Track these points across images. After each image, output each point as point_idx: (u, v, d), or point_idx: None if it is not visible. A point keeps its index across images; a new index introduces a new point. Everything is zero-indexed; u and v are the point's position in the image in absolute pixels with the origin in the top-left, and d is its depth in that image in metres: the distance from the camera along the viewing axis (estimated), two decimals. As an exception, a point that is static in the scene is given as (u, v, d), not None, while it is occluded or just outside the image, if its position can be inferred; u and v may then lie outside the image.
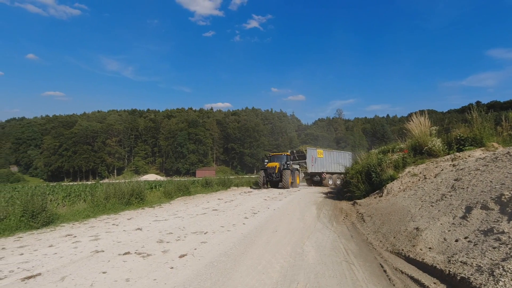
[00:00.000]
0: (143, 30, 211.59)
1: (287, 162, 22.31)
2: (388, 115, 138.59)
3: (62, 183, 24.83)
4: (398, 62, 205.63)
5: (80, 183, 35.14)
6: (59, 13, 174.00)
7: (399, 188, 7.98)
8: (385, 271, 3.82)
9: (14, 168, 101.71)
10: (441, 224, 4.57)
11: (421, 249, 4.10)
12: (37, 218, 6.82)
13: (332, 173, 26.89)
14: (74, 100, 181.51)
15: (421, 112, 10.40)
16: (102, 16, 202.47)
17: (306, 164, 25.51)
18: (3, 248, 5.16)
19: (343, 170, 29.21)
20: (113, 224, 7.25)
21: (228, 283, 3.53)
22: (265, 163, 22.86)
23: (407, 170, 8.81)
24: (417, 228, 4.80)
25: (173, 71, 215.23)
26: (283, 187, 20.34)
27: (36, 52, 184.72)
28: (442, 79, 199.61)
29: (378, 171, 9.44)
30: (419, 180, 7.78)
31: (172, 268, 4.04)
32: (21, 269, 4.07)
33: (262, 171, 21.96)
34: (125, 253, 4.73)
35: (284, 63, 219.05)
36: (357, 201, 9.17)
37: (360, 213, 7.48)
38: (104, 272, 3.89)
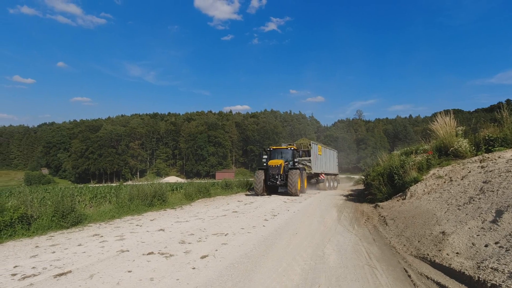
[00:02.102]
0: (164, 36, 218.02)
1: (294, 159, 17.10)
2: (410, 116, 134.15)
3: (89, 185, 25.89)
4: (421, 61, 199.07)
5: (105, 185, 36.50)
6: (86, 22, 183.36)
7: (423, 190, 7.72)
8: (409, 276, 3.72)
9: (45, 171, 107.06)
10: (469, 228, 4.39)
11: (447, 254, 3.95)
12: (66, 218, 7.16)
13: (326, 174, 22.78)
14: (100, 105, 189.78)
15: (446, 112, 10.05)
16: (126, 24, 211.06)
17: (310, 162, 20.47)
18: (36, 246, 5.46)
19: (335, 171, 26.56)
20: (137, 225, 7.48)
21: (249, 284, 3.56)
22: (264, 160, 17.50)
23: (431, 172, 8.52)
24: (443, 232, 4.63)
25: (193, 75, 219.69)
26: (291, 194, 15.22)
27: (65, 60, 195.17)
28: (468, 77, 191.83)
29: (400, 173, 9.18)
30: (444, 182, 7.50)
31: (194, 268, 4.12)
32: (53, 267, 4.29)
33: (261, 171, 16.18)
34: (149, 253, 4.87)
35: (302, 64, 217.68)
36: (379, 203, 8.96)
37: (382, 216, 7.31)
38: (129, 271, 4.03)
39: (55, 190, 13.94)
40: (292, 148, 17.71)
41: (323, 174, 21.77)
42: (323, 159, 23.12)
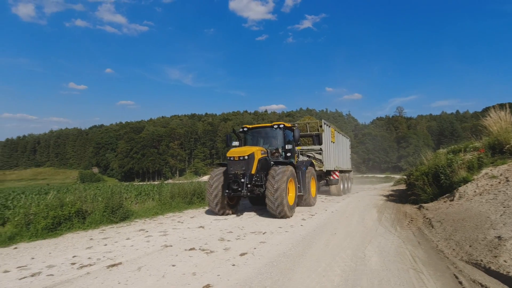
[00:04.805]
0: (201, 39, 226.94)
1: (286, 147, 9.53)
2: (457, 111, 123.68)
3: (134, 183, 27.60)
4: (468, 53, 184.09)
5: (148, 183, 38.57)
6: (130, 31, 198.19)
7: (475, 191, 7.15)
8: (460, 282, 3.48)
9: (95, 169, 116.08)
10: (530, 233, 4.00)
11: (505, 261, 3.64)
12: (116, 214, 7.73)
13: (340, 172, 15.11)
14: (142, 107, 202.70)
15: (501, 106, 9.20)
16: (166, 30, 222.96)
17: (321, 153, 13.30)
18: (91, 239, 5.96)
19: (349, 167, 18.82)
20: (178, 222, 7.83)
21: (289, 283, 3.58)
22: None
23: (484, 171, 7.85)
24: (499, 237, 4.26)
25: (229, 76, 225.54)
26: (273, 214, 7.92)
27: (112, 67, 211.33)
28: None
29: (448, 173, 8.57)
30: (499, 183, 6.88)
31: (233, 265, 4.23)
32: (106, 258, 4.66)
33: (220, 169, 8.87)
34: (191, 249, 5.08)
35: (338, 61, 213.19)
36: (424, 205, 8.45)
37: (427, 218, 6.89)
38: (173, 265, 4.25)
39: (104, 187, 15.04)
40: (282, 126, 9.60)
41: (336, 172, 14.33)
42: (336, 149, 15.61)
